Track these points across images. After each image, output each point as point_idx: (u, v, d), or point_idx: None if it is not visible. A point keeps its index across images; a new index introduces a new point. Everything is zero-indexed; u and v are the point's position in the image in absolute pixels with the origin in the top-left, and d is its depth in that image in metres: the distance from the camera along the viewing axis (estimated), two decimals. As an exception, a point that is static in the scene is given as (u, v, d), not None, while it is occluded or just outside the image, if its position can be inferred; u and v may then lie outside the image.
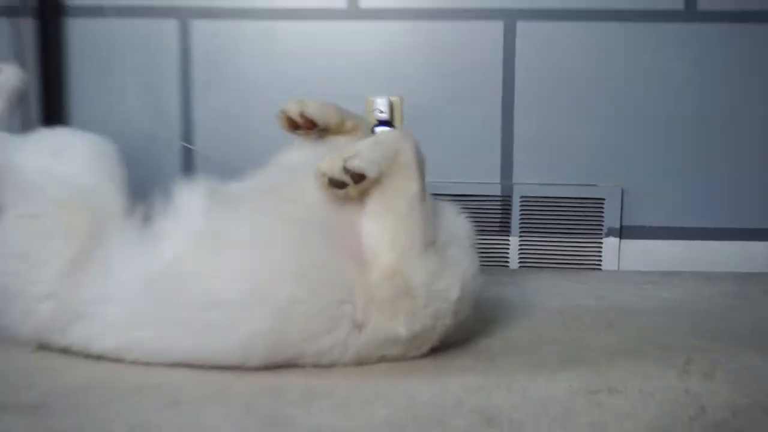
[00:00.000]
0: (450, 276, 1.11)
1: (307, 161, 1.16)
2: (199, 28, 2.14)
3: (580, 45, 2.09)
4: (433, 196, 1.24)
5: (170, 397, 1.08)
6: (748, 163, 2.13)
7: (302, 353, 1.05)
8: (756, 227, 2.12)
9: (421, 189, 1.11)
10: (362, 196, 1.10)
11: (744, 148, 2.13)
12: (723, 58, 2.10)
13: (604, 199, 2.06)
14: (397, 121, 2.05)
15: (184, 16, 2.15)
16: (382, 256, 1.06)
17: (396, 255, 1.06)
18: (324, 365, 1.10)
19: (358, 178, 1.04)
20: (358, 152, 1.06)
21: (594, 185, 2.10)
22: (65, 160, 1.19)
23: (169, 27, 2.15)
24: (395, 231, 1.07)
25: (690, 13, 2.08)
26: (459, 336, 1.28)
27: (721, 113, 2.11)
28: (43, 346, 1.20)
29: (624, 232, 2.11)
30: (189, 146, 2.17)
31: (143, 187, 1.87)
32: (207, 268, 1.04)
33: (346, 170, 1.04)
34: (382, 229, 1.07)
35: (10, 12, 2.12)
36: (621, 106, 2.11)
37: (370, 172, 1.04)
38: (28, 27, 2.13)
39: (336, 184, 1.05)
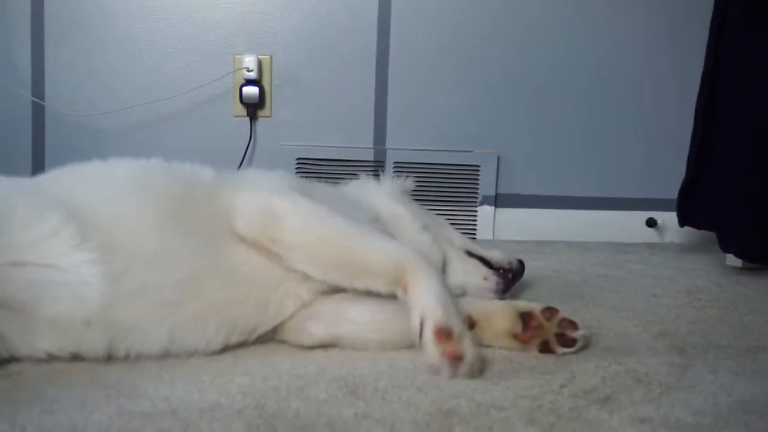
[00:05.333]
0: None
1: None
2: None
3: (456, 13, 2.13)
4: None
5: None
6: (626, 133, 2.19)
7: None
8: (631, 197, 2.16)
9: None
10: None
11: (624, 119, 2.18)
12: (611, 32, 2.13)
13: (479, 166, 2.12)
14: (266, 81, 2.03)
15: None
16: None
17: None
18: None
19: None
20: None
21: (469, 151, 2.13)
22: None
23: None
24: None
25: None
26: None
27: (606, 87, 2.16)
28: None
29: (499, 200, 2.16)
30: (40, 102, 2.09)
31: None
32: None
33: None
34: None
35: None
36: (499, 73, 2.15)
37: None
38: None
39: None
